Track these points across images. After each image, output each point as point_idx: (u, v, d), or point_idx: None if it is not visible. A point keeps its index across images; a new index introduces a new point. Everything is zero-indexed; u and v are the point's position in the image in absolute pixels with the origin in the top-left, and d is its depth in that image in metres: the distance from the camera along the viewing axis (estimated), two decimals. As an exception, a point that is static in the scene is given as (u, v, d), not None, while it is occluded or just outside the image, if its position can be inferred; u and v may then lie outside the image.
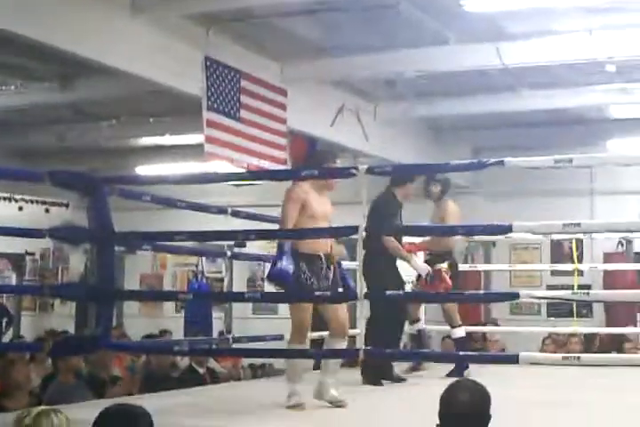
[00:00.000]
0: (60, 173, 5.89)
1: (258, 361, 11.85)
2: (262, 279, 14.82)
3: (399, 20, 8.44)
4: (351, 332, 9.15)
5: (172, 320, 12.80)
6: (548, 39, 9.01)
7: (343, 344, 5.92)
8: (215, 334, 10.66)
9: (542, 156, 5.37)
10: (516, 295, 5.18)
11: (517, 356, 5.06)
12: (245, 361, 11.56)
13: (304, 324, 5.77)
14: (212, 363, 9.60)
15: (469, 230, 6.09)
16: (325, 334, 6.14)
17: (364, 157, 11.82)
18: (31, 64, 9.36)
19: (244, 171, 8.29)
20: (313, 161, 6.10)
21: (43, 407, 4.27)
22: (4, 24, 6.69)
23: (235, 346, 7.38)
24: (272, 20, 8.55)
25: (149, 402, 5.09)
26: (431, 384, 5.59)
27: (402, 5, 8.00)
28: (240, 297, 7.20)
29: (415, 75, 9.72)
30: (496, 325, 11.83)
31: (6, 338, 12.93)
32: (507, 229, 5.26)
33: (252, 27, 8.75)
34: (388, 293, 5.48)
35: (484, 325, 11.88)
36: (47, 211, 13.18)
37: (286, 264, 5.61)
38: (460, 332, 8.48)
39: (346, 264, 9.65)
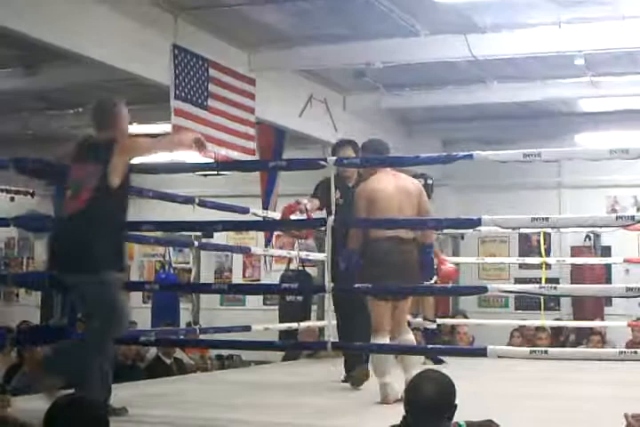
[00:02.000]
0: (25, 160, 5.79)
1: (225, 352, 11.82)
2: (230, 270, 14.84)
3: (369, 11, 8.39)
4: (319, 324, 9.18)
5: (138, 311, 12.70)
6: (517, 32, 9.01)
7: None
8: (183, 325, 10.61)
9: (512, 149, 5.38)
10: (485, 289, 5.18)
11: (486, 349, 5.06)
12: (213, 352, 11.53)
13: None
14: (179, 354, 9.55)
15: (438, 224, 6.06)
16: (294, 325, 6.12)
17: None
18: (-6, 49, 9.21)
19: (212, 161, 8.22)
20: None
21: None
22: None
23: (202, 337, 7.33)
24: (241, 8, 8.47)
25: (116, 392, 5.05)
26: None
27: (373, -5, 7.96)
28: (207, 288, 7.13)
29: (384, 66, 9.65)
30: (465, 317, 11.85)
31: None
32: (475, 223, 5.28)
33: (220, 15, 8.66)
34: (357, 286, 5.43)
35: (453, 317, 11.90)
36: (12, 199, 13.09)
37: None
38: (432, 325, 8.63)
39: (315, 256, 9.77)
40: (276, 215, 8.83)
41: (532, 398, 5.96)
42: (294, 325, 8.79)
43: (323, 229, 5.54)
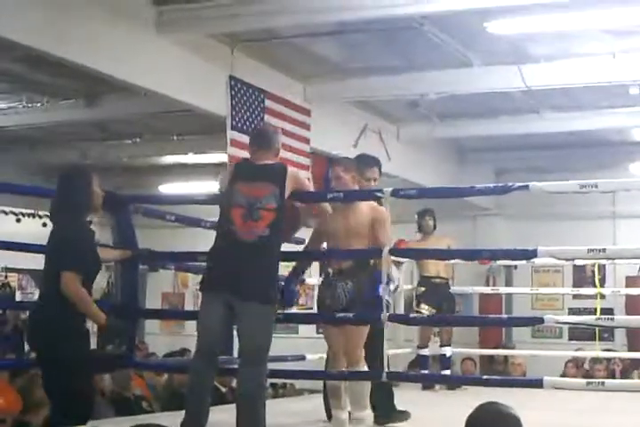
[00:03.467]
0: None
1: (279, 381, 11.83)
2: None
3: (422, 42, 8.46)
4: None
5: (192, 339, 12.79)
6: (570, 61, 9.03)
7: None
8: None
9: (565, 178, 5.36)
10: (541, 320, 5.14)
11: (542, 380, 5.03)
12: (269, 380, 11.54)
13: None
14: (234, 382, 9.58)
15: (494, 255, 6.05)
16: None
17: (387, 177, 11.81)
18: (57, 81, 9.40)
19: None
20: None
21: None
22: (32, 42, 6.73)
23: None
24: (296, 40, 8.59)
25: (172, 421, 5.09)
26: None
27: (425, 27, 8.02)
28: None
29: (438, 96, 9.71)
30: (511, 348, 11.83)
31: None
32: (531, 255, 5.21)
33: (276, 46, 8.80)
34: (411, 315, 5.44)
35: (505, 348, 11.86)
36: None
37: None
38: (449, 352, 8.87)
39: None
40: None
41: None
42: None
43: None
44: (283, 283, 5.54)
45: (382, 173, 10.94)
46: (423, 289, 9.06)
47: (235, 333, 5.09)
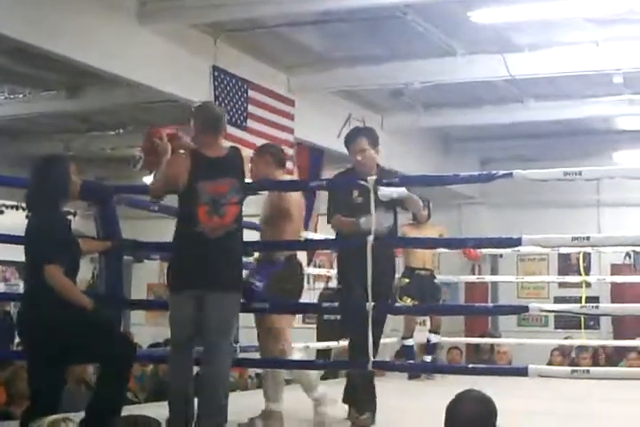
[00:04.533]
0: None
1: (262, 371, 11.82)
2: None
3: (406, 31, 8.46)
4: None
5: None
6: (554, 50, 9.04)
7: None
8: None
9: (549, 167, 5.35)
10: (526, 309, 5.15)
11: (527, 368, 5.05)
12: (252, 371, 11.54)
13: None
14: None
15: (479, 243, 6.05)
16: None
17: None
18: (39, 73, 9.36)
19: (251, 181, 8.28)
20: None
21: (54, 416, 4.28)
22: (13, 33, 6.72)
23: (242, 356, 7.35)
24: (279, 30, 8.57)
25: (157, 411, 5.10)
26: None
27: (409, 16, 8.02)
28: (248, 307, 7.16)
29: (422, 85, 9.71)
30: (497, 337, 11.86)
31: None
32: (516, 243, 5.22)
33: (259, 37, 8.78)
34: (396, 305, 5.44)
35: (488, 337, 11.89)
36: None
37: None
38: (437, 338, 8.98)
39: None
40: (317, 235, 8.94)
41: (575, 418, 5.92)
42: (333, 343, 8.80)
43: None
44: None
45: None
46: (407, 281, 9.07)
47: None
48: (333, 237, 6.04)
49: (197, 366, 5.12)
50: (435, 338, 9.44)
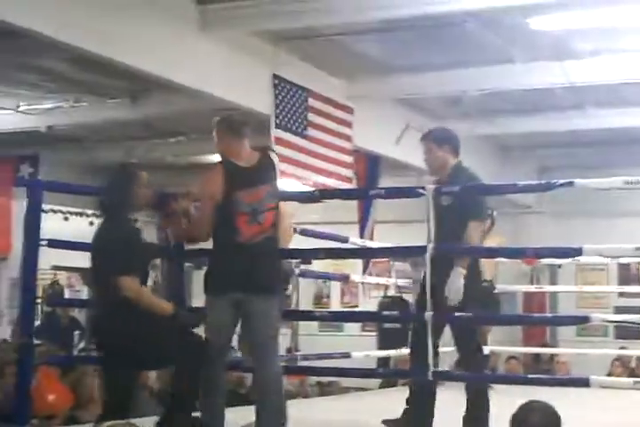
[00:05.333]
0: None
1: (325, 379, 11.86)
2: (328, 296, 15.02)
3: (465, 39, 8.46)
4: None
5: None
6: (615, 57, 8.98)
7: None
8: (282, 352, 10.70)
9: (609, 175, 5.30)
10: (587, 319, 5.09)
11: (588, 379, 5.00)
12: (312, 378, 11.58)
13: None
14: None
15: (539, 253, 6.01)
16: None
17: (429, 175, 11.80)
18: (103, 81, 9.51)
19: (312, 189, 8.33)
20: None
21: (116, 421, 4.36)
22: (77, 42, 6.84)
23: (302, 364, 7.38)
24: (339, 38, 8.62)
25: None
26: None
27: (468, 24, 8.02)
28: (310, 315, 7.21)
29: (480, 93, 9.70)
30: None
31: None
32: (577, 253, 5.15)
33: (318, 45, 8.83)
34: (457, 315, 5.40)
35: (547, 346, 11.82)
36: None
37: None
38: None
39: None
40: (374, 243, 8.94)
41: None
42: (394, 352, 8.81)
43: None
44: None
45: (424, 170, 10.96)
46: None
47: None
48: (390, 244, 6.02)
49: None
50: (486, 350, 9.33)
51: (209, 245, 6.49)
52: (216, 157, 5.24)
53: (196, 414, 4.88)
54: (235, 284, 4.91)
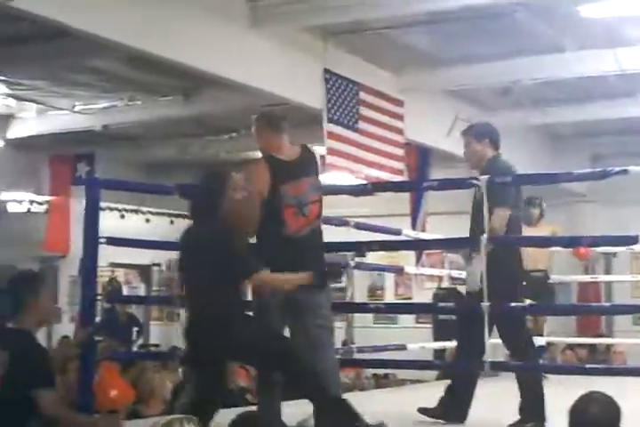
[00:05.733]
0: (188, 186, 6.04)
1: (381, 371, 11.89)
2: (382, 288, 15.07)
3: (515, 28, 8.43)
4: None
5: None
6: (668, 43, 8.89)
7: None
8: (338, 344, 10.76)
9: (661, 162, 5.27)
10: (643, 308, 5.07)
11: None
12: (368, 371, 11.61)
13: None
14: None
15: (594, 241, 5.97)
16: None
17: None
18: (156, 79, 9.64)
19: (364, 182, 8.37)
20: None
21: (174, 416, 4.44)
22: (130, 41, 6.94)
23: (358, 356, 7.42)
24: (388, 31, 8.63)
25: (283, 410, 5.21)
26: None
27: (518, 13, 7.99)
28: (365, 308, 7.25)
29: (531, 82, 9.67)
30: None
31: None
32: (633, 241, 5.11)
33: (367, 38, 8.85)
34: (512, 305, 5.41)
35: (603, 337, 11.74)
36: (172, 222, 13.55)
37: None
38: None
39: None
40: (426, 235, 8.96)
41: None
42: (449, 343, 8.82)
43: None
44: None
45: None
46: (523, 284, 8.99)
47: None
48: (441, 236, 6.01)
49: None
50: (542, 341, 9.30)
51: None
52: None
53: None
54: None
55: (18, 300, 4.80)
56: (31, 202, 13.73)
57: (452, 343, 8.73)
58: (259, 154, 5.54)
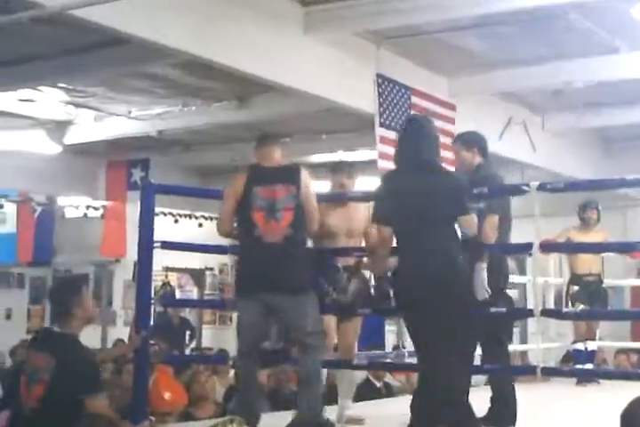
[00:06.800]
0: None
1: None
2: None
3: (568, 30, 8.39)
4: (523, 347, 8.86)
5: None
6: None
7: None
8: (389, 348, 10.78)
9: None
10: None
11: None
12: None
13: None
14: (386, 376, 9.71)
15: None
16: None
17: (532, 169, 11.76)
18: (209, 85, 9.71)
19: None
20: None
21: (224, 418, 4.53)
22: (183, 46, 7.02)
23: (409, 360, 7.43)
24: (439, 35, 8.62)
25: (328, 414, 5.29)
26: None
27: (570, 15, 7.96)
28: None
29: (584, 84, 9.61)
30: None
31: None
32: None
33: (419, 42, 8.85)
34: (564, 310, 5.41)
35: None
36: (200, 225, 13.72)
37: None
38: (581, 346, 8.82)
39: (516, 279, 9.79)
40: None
41: None
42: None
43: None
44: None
45: (528, 164, 10.85)
46: (576, 288, 8.97)
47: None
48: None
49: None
50: (593, 345, 9.23)
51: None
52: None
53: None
54: (257, 285, 5.12)
55: (61, 304, 4.92)
56: (87, 207, 13.95)
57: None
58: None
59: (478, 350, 5.43)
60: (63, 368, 4.64)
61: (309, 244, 5.72)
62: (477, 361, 5.45)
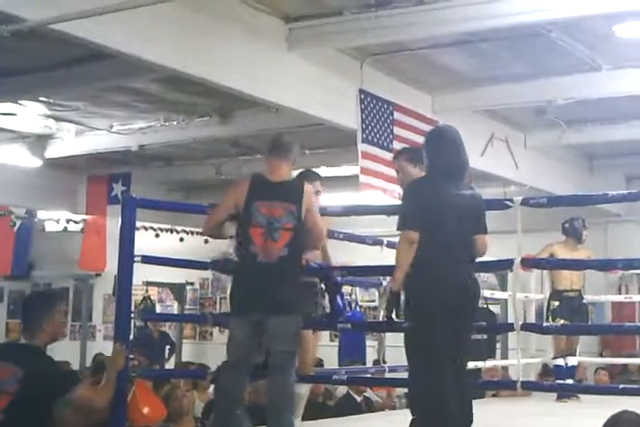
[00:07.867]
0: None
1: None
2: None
3: (550, 48, 8.42)
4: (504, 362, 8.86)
5: (325, 349, 12.93)
6: (703, 63, 8.85)
7: None
8: (369, 363, 10.75)
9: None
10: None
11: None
12: (399, 390, 11.58)
13: None
14: (367, 391, 9.70)
15: (629, 265, 5.97)
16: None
17: (515, 185, 11.79)
18: (192, 100, 9.71)
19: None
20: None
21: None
22: (167, 62, 7.00)
23: (389, 375, 7.41)
24: (423, 52, 8.65)
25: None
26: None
27: (553, 33, 8.00)
28: (397, 326, 7.22)
29: (566, 102, 9.65)
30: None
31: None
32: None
33: (403, 59, 8.87)
34: (545, 325, 5.42)
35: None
36: (206, 242, 13.63)
37: None
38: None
39: (498, 294, 9.79)
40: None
41: None
42: (481, 363, 8.79)
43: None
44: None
45: (510, 180, 10.90)
46: (557, 304, 8.98)
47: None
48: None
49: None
50: (573, 360, 9.23)
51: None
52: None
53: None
54: (251, 304, 5.13)
55: (33, 318, 4.87)
56: (68, 221, 13.92)
57: (483, 363, 8.74)
58: (294, 173, 5.68)
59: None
60: (33, 378, 4.60)
61: None
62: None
